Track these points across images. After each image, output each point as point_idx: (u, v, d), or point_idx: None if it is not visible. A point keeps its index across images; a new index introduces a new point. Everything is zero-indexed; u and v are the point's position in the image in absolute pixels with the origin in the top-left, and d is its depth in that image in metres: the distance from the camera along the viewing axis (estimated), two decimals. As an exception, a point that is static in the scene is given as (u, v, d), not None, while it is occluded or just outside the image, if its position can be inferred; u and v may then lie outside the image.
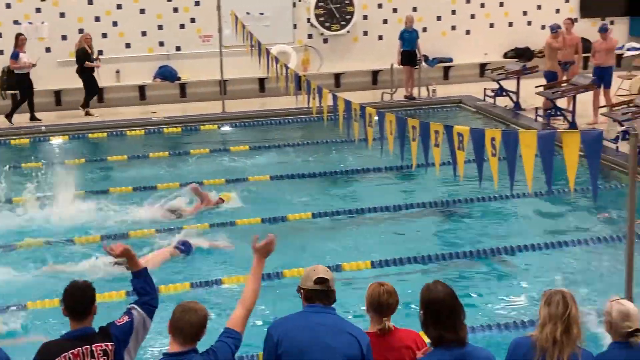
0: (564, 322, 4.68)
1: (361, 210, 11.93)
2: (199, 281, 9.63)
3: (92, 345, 4.74)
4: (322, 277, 4.79)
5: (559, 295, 4.76)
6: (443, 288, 4.57)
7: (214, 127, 17.63)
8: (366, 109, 10.16)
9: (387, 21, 20.53)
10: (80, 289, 4.85)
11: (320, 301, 4.80)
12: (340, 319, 4.87)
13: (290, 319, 4.86)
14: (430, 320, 4.46)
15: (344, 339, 4.67)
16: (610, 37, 16.38)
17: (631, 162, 5.38)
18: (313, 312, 4.79)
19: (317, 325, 4.72)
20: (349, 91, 18.34)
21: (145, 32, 19.25)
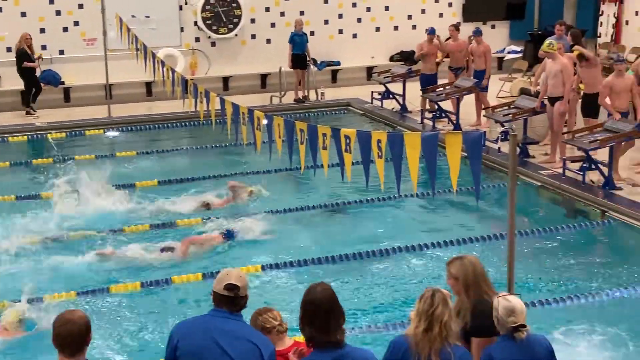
0: (426, 320, 4.87)
1: (253, 213, 11.91)
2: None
3: None
4: (232, 284, 4.70)
5: (430, 292, 4.97)
6: (322, 290, 4.61)
7: (99, 132, 17.27)
8: (254, 113, 10.15)
9: (275, 25, 20.57)
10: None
11: (227, 307, 4.74)
12: (246, 326, 4.80)
13: (192, 321, 4.84)
14: (306, 321, 4.49)
15: (244, 346, 4.61)
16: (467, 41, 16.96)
17: (511, 161, 5.55)
18: (216, 317, 4.74)
19: (218, 330, 4.66)
20: (238, 95, 18.31)
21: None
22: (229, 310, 4.73)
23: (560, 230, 11.14)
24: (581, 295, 9.09)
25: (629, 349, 8.07)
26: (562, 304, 8.87)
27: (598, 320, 8.56)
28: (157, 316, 8.82)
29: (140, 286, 9.54)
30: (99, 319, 8.45)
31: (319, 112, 18.64)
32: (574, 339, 7.98)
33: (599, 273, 9.94)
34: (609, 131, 12.51)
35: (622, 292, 9.22)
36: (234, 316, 4.74)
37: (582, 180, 12.53)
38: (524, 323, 5.07)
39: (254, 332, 4.79)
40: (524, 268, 9.63)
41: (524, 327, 5.06)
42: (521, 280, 9.09)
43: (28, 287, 8.83)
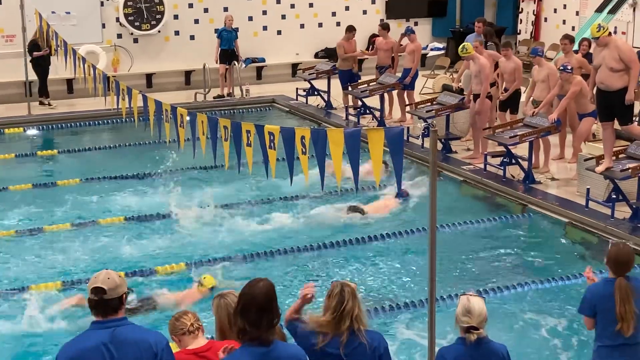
0: (336, 315, 5.04)
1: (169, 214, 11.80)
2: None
3: None
4: (98, 287, 4.42)
5: (339, 287, 5.12)
6: (263, 284, 4.56)
7: (19, 130, 16.89)
8: (177, 110, 10.03)
9: (198, 21, 20.42)
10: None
11: (103, 314, 4.47)
12: (136, 327, 4.58)
13: (77, 340, 4.50)
14: (240, 311, 4.46)
15: (136, 348, 4.45)
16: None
17: (432, 156, 5.61)
18: (100, 328, 4.45)
19: (110, 343, 4.41)
20: (162, 92, 18.13)
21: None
22: (105, 316, 4.47)
23: (482, 224, 11.34)
24: (503, 288, 9.27)
25: (549, 339, 8.27)
26: (484, 296, 9.02)
27: (518, 312, 8.75)
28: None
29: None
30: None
31: (244, 109, 18.57)
32: (494, 332, 8.13)
33: (519, 265, 10.16)
34: (528, 126, 12.78)
35: (542, 284, 9.42)
36: (117, 322, 4.49)
37: (503, 175, 12.77)
38: (476, 326, 5.08)
39: (142, 330, 4.60)
40: (446, 261, 9.78)
41: (475, 330, 5.08)
42: (443, 274, 9.22)
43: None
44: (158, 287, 9.28)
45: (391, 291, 9.35)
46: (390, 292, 9.35)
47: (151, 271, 9.75)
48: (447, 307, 8.43)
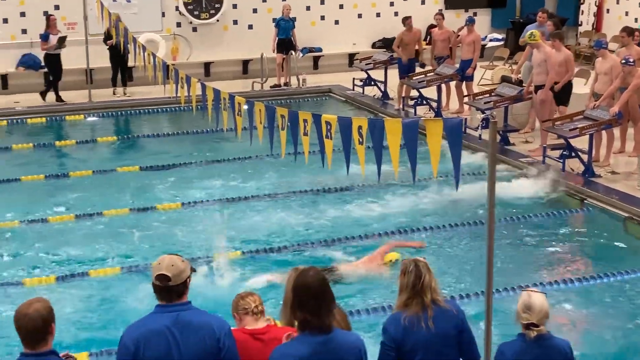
0: (416, 291, 5.04)
1: (232, 199, 11.92)
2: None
3: None
4: (162, 274, 4.50)
5: (412, 263, 5.11)
6: (314, 274, 4.57)
7: (80, 117, 17.17)
8: (235, 98, 10.11)
9: (256, 10, 20.50)
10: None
11: (168, 299, 4.54)
12: (199, 312, 4.61)
13: (143, 324, 4.55)
14: (297, 304, 4.48)
15: (199, 334, 4.51)
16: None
17: (491, 148, 5.54)
18: (165, 312, 4.52)
19: (171, 326, 4.47)
20: (219, 81, 18.24)
21: (6, 19, 18.54)
22: (170, 301, 4.54)
23: (539, 218, 11.21)
24: (560, 282, 9.16)
25: (612, 334, 8.15)
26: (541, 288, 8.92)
27: (577, 307, 8.65)
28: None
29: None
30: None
31: (300, 98, 18.61)
32: (556, 328, 8.04)
33: (577, 260, 10.03)
34: (589, 119, 12.58)
35: (602, 279, 9.29)
36: (182, 306, 4.55)
37: (562, 168, 12.59)
38: (536, 323, 5.02)
39: (207, 316, 4.64)
40: (503, 255, 9.69)
41: (535, 327, 5.01)
42: (500, 268, 9.14)
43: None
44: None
45: (446, 283, 9.29)
46: (445, 284, 9.30)
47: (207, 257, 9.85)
48: (502, 300, 8.36)
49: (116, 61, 17.98)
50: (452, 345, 5.09)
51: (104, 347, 7.69)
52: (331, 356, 4.44)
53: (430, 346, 5.02)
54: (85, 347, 7.78)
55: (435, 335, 5.02)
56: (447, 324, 5.07)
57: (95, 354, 7.62)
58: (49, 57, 17.51)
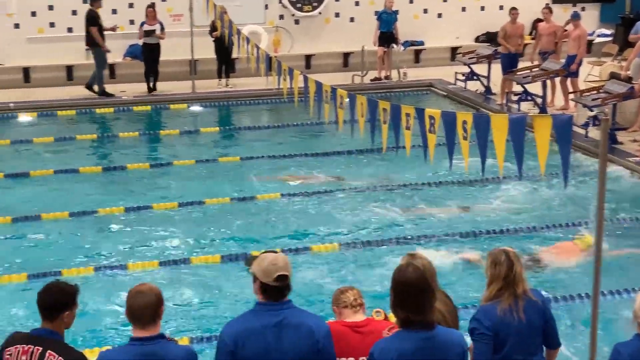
0: (509, 281, 5.10)
1: (330, 191, 11.94)
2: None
3: (47, 350, 4.54)
4: (283, 275, 4.51)
5: (503, 254, 5.15)
6: (414, 270, 4.51)
7: (183, 106, 17.49)
8: (337, 91, 10.12)
9: (358, 3, 20.47)
10: (53, 291, 4.66)
11: (277, 298, 4.55)
12: (296, 311, 4.62)
13: (244, 321, 4.57)
14: (398, 302, 4.43)
15: (299, 334, 4.53)
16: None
17: (602, 147, 5.38)
18: (267, 311, 4.53)
19: (274, 326, 4.49)
20: (319, 73, 18.25)
21: (115, 9, 19.00)
22: (277, 300, 4.56)
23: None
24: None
25: None
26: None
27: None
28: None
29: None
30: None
31: (401, 92, 18.49)
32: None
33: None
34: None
35: None
36: (284, 305, 4.57)
37: (672, 168, 12.17)
38: None
39: (306, 316, 4.65)
40: (608, 255, 9.40)
41: None
42: (610, 267, 8.88)
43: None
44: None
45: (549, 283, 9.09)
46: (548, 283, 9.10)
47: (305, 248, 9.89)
48: (606, 302, 8.12)
49: (221, 53, 18.22)
50: (539, 335, 5.22)
51: (204, 333, 7.83)
52: (434, 353, 4.38)
53: (519, 336, 5.12)
54: (185, 332, 7.92)
55: (525, 326, 5.11)
56: (535, 314, 5.16)
57: (195, 339, 7.75)
58: (145, 46, 17.96)
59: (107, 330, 8.00)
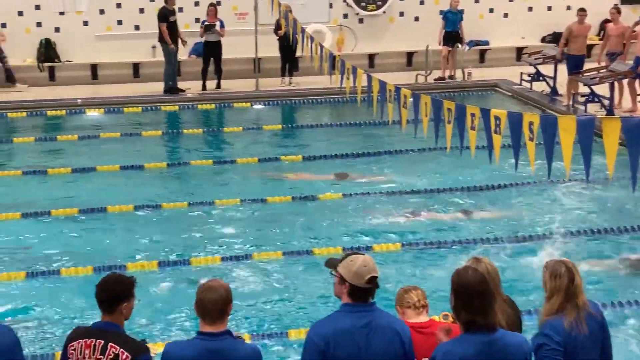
0: (570, 293, 4.90)
1: (392, 192, 11.89)
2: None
3: (108, 343, 4.63)
4: (373, 276, 4.53)
5: (563, 266, 4.97)
6: (474, 273, 4.51)
7: (247, 105, 17.62)
8: (401, 90, 10.10)
9: (423, 2, 20.37)
10: (108, 283, 4.77)
11: (365, 300, 4.57)
12: (383, 314, 4.65)
13: (333, 322, 4.57)
14: (460, 305, 4.41)
15: (386, 337, 4.55)
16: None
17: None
18: (355, 312, 4.55)
19: (362, 328, 4.51)
20: (383, 72, 18.20)
21: (181, 8, 19.21)
22: (364, 301, 4.58)
23: None
24: None
25: None
26: None
27: None
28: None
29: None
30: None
31: (465, 92, 18.34)
32: None
33: None
34: None
35: None
36: (371, 307, 4.59)
37: None
38: None
39: (391, 318, 4.69)
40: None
41: None
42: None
43: None
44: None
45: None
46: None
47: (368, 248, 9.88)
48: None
49: (285, 51, 18.31)
50: (599, 347, 5.03)
51: (271, 330, 7.91)
52: (496, 357, 4.35)
53: (585, 350, 4.94)
54: (245, 328, 7.99)
55: (589, 339, 4.94)
56: (596, 326, 5.00)
57: (256, 335, 7.80)
58: (207, 44, 18.14)
59: (170, 325, 8.09)
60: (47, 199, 11.78)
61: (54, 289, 8.91)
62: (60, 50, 18.72)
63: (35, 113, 16.82)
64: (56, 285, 9.00)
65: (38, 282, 9.03)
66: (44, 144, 14.99)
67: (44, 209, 11.23)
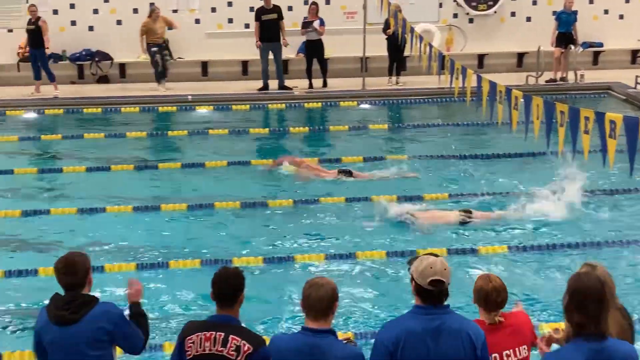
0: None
1: (499, 192, 11.67)
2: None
3: (229, 335, 4.69)
4: (437, 279, 4.49)
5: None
6: (592, 278, 4.40)
7: (353, 103, 17.64)
8: (512, 92, 9.92)
9: (536, 2, 19.96)
10: (226, 276, 4.83)
11: (435, 302, 4.54)
12: (457, 317, 4.60)
13: (402, 323, 4.58)
14: (573, 307, 4.30)
15: (457, 340, 4.50)
16: None
17: None
18: (426, 315, 4.53)
19: (431, 330, 4.48)
20: (492, 73, 17.94)
21: (291, 6, 19.40)
22: (434, 304, 4.54)
23: None
24: None
25: None
26: None
27: None
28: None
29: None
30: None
31: (576, 94, 17.87)
32: None
33: None
34: None
35: None
36: (442, 310, 4.55)
37: None
38: None
39: (464, 322, 4.60)
40: None
41: None
42: None
43: None
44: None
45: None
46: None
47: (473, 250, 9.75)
48: None
49: (393, 51, 18.25)
50: None
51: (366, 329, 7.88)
52: (604, 365, 4.22)
53: None
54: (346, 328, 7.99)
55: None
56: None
57: (358, 335, 7.79)
58: (308, 42, 18.25)
59: (274, 320, 8.16)
60: (157, 193, 12.08)
61: (163, 280, 9.11)
62: (172, 48, 19.19)
63: (148, 109, 17.27)
64: (165, 277, 9.20)
65: (148, 273, 9.24)
66: (155, 139, 15.39)
67: (154, 203, 11.52)
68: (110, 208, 11.30)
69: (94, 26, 19.35)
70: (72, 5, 19.29)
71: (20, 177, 12.98)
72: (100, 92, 18.36)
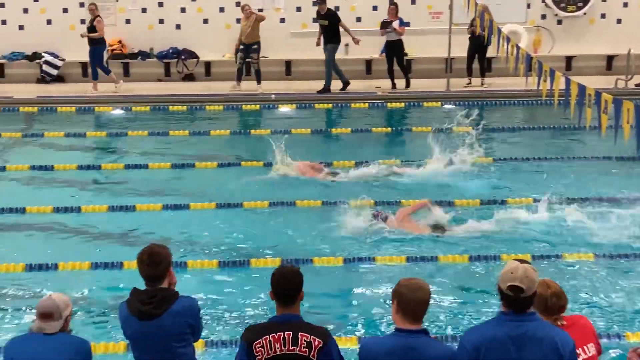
0: None
1: (582, 199, 11.39)
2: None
3: (298, 333, 4.73)
4: (516, 286, 4.40)
5: None
6: None
7: (437, 104, 17.48)
8: (602, 95, 9.69)
9: (627, 4, 19.46)
10: (287, 275, 4.86)
11: (518, 308, 4.46)
12: (543, 325, 4.51)
13: (485, 329, 4.54)
14: None
15: (542, 349, 4.41)
16: None
17: None
18: (509, 321, 4.46)
19: (517, 338, 4.41)
20: (580, 75, 17.56)
21: (376, 6, 19.35)
22: (518, 311, 4.45)
23: None
24: None
25: None
26: None
27: None
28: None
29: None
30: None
31: (668, 99, 17.35)
32: None
33: None
34: None
35: None
36: (528, 317, 4.46)
37: None
38: None
39: (551, 330, 4.51)
40: None
41: None
42: None
43: None
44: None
45: None
46: None
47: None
48: None
49: (475, 51, 18.03)
50: None
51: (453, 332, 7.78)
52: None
53: None
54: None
55: None
56: None
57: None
58: (390, 42, 18.13)
59: (357, 321, 8.12)
60: (240, 191, 12.16)
61: (244, 278, 9.16)
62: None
63: (231, 107, 17.44)
64: (246, 275, 9.25)
65: (229, 270, 9.31)
66: (238, 137, 15.53)
67: (237, 200, 11.60)
68: (194, 205, 11.43)
69: (181, 24, 19.66)
70: (161, 4, 19.65)
71: (107, 172, 13.26)
72: (185, 89, 18.64)
